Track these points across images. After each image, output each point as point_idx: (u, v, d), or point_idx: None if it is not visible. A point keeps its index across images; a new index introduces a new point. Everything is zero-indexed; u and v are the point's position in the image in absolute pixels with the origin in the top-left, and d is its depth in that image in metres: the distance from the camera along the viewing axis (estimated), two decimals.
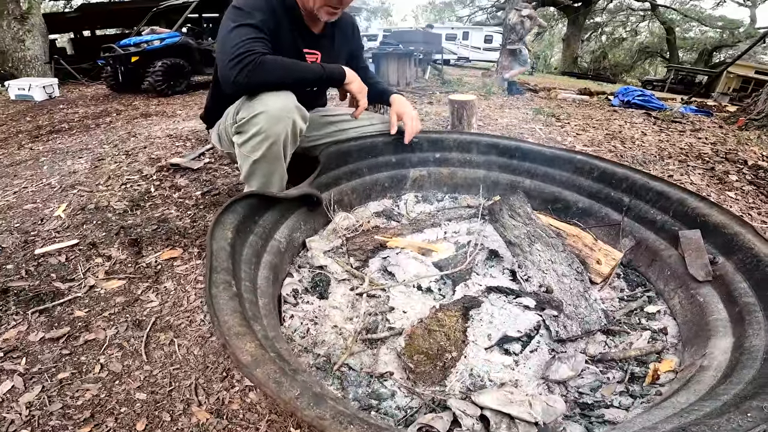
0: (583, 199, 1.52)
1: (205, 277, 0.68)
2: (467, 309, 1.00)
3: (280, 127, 1.23)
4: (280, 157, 1.30)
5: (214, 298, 0.66)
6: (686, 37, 25.63)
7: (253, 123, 1.23)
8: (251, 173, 1.32)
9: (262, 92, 1.25)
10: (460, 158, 1.71)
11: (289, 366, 0.68)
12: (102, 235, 1.76)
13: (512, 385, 0.87)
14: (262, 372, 0.56)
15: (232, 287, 0.70)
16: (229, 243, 0.83)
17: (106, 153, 2.95)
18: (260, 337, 0.70)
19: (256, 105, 1.23)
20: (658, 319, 1.14)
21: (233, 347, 0.58)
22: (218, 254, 0.76)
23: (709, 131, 4.34)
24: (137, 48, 5.99)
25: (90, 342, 1.20)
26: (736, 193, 2.56)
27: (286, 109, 1.24)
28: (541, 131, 3.78)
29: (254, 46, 1.19)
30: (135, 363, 1.13)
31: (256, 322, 0.73)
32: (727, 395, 0.69)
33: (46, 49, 8.52)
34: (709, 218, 1.17)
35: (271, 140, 1.24)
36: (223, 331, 0.60)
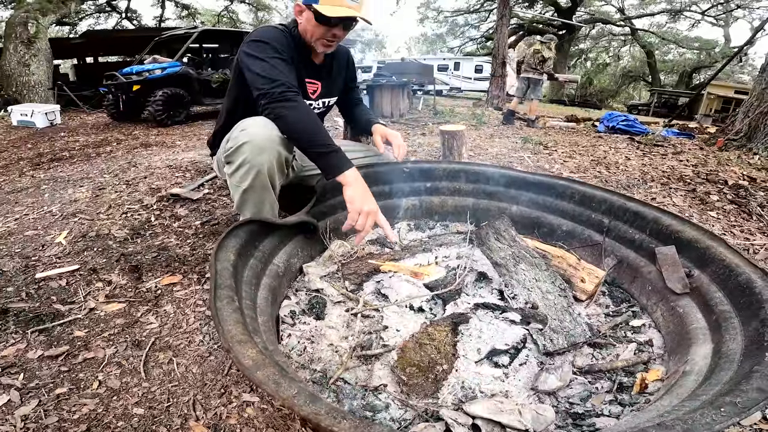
0: (567, 222, 1.60)
1: (210, 292, 0.74)
2: (456, 324, 1.05)
3: (264, 158, 1.30)
4: (268, 186, 1.36)
5: (219, 310, 0.71)
6: (666, 60, 26.56)
7: (239, 153, 1.31)
8: (242, 203, 1.39)
9: (248, 120, 1.33)
10: (449, 187, 1.79)
11: (287, 375, 0.73)
12: (103, 261, 1.80)
13: (503, 395, 0.91)
14: (263, 374, 0.61)
15: (234, 302, 0.75)
16: (232, 264, 0.89)
17: (107, 182, 3.01)
18: (260, 347, 0.75)
19: (241, 135, 1.31)
20: (644, 332, 1.20)
21: (236, 352, 0.64)
22: (222, 273, 0.82)
23: (690, 153, 4.49)
24: (139, 77, 6.05)
25: (89, 360, 1.22)
26: (717, 212, 2.65)
27: (270, 140, 1.31)
28: (530, 159, 3.90)
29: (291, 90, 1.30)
30: (133, 380, 1.15)
31: (257, 335, 0.78)
32: (705, 395, 0.74)
33: (50, 74, 8.60)
34: (682, 234, 1.25)
35: (256, 170, 1.31)
36: (227, 338, 0.66)
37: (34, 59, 8.23)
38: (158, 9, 19.04)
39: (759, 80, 4.99)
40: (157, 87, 5.97)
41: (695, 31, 24.15)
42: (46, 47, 8.57)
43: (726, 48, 22.28)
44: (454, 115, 7.55)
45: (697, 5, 21.60)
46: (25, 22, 8.18)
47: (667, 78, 26.99)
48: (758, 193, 3.05)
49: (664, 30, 24.49)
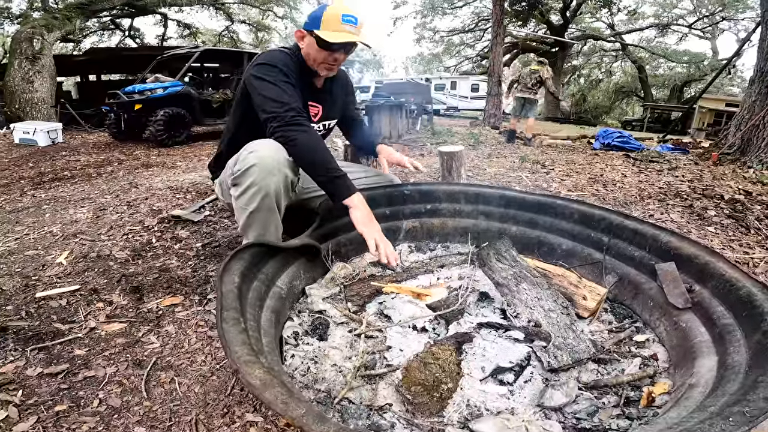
0: (566, 241, 1.62)
1: (217, 314, 0.75)
2: (460, 344, 1.06)
3: (273, 180, 1.33)
4: (274, 208, 1.38)
5: (226, 331, 0.72)
6: (657, 75, 26.94)
7: (247, 175, 1.33)
8: (248, 225, 1.40)
9: (257, 143, 1.36)
10: (449, 208, 1.81)
11: (293, 394, 0.73)
12: (103, 281, 1.80)
13: (509, 412, 0.91)
14: (271, 393, 0.61)
15: (240, 323, 0.76)
16: (237, 286, 0.90)
17: (108, 203, 3.03)
18: (267, 367, 0.75)
19: (250, 158, 1.33)
20: (648, 347, 1.21)
21: (244, 372, 0.64)
22: (227, 296, 0.83)
23: (685, 169, 4.54)
24: (141, 95, 6.04)
25: (89, 378, 1.21)
26: (715, 227, 2.67)
27: (278, 162, 1.33)
28: (528, 179, 3.93)
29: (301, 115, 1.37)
30: (135, 399, 1.14)
31: (262, 356, 0.79)
32: (713, 406, 0.75)
33: (53, 91, 8.57)
34: (681, 250, 1.27)
35: (264, 192, 1.33)
36: (234, 359, 0.66)
37: (38, 75, 8.21)
38: (161, 28, 19.42)
39: (749, 92, 4.99)
40: (159, 106, 5.98)
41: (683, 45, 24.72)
42: (50, 64, 8.55)
43: (714, 60, 22.70)
44: (451, 135, 7.62)
45: (684, 19, 22.13)
46: (31, 37, 8.19)
47: (659, 92, 27.42)
48: (755, 207, 3.08)
49: (654, 44, 25.02)
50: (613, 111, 29.69)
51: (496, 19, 10.86)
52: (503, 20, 11.36)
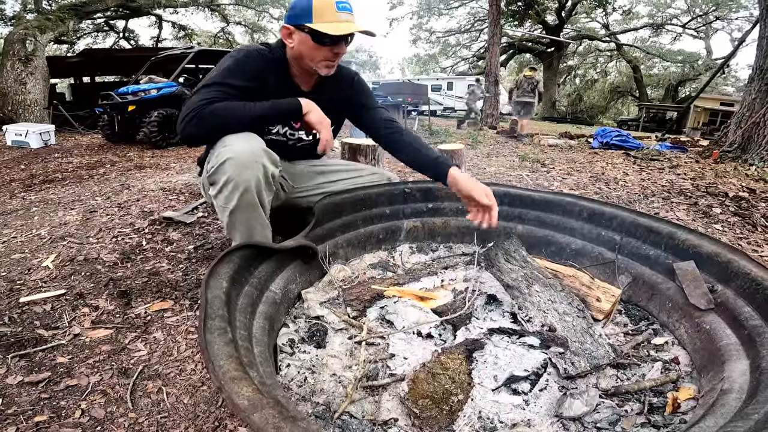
0: (576, 241, 1.55)
1: (200, 323, 0.66)
2: (470, 351, 0.98)
3: (249, 174, 1.21)
4: (256, 205, 1.27)
5: (209, 343, 0.64)
6: (651, 74, 27.12)
7: (221, 171, 1.22)
8: (231, 225, 1.30)
9: (222, 138, 1.25)
10: (452, 207, 1.73)
11: (288, 412, 0.65)
12: (90, 286, 1.73)
13: (525, 425, 0.84)
14: (261, 417, 0.53)
15: (227, 333, 0.68)
16: (224, 292, 0.82)
17: (99, 205, 2.95)
18: (257, 383, 0.67)
19: (222, 152, 1.22)
20: (667, 350, 1.14)
21: (229, 391, 0.56)
22: (213, 302, 0.75)
23: (686, 167, 4.51)
24: (135, 97, 5.99)
25: (71, 387, 1.15)
26: (722, 225, 2.63)
27: (253, 154, 1.22)
28: (528, 177, 3.89)
29: (204, 102, 1.21)
30: (119, 410, 1.08)
31: (252, 369, 0.71)
32: (757, 414, 0.69)
33: (46, 93, 8.58)
34: (701, 249, 1.20)
35: (242, 188, 1.22)
36: (218, 375, 0.58)
37: (30, 77, 8.22)
38: (155, 29, 19.33)
39: (748, 90, 5.00)
40: (153, 108, 5.92)
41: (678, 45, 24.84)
42: (43, 65, 8.57)
43: (708, 60, 22.86)
44: (449, 135, 7.62)
45: (678, 18, 22.24)
46: (24, 39, 8.19)
47: (654, 92, 27.54)
48: (760, 205, 3.04)
49: (648, 44, 25.15)
50: (608, 111, 29.82)
51: (493, 19, 10.82)
52: (500, 20, 11.33)
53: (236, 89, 1.28)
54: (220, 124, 1.24)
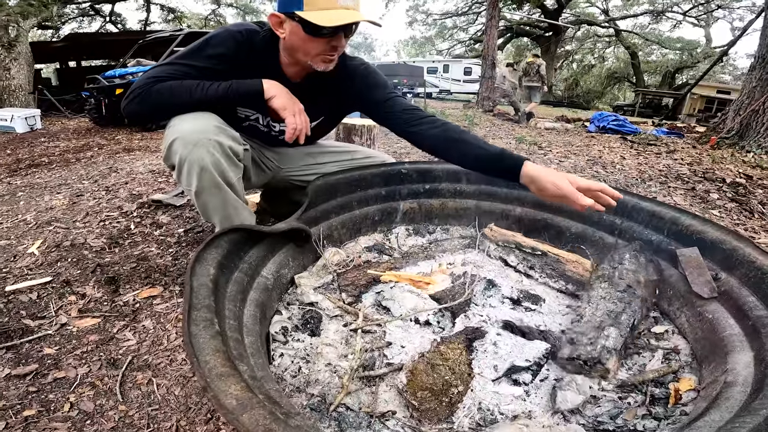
0: (576, 224, 1.51)
1: (184, 316, 0.62)
2: (470, 340, 0.95)
3: (202, 152, 1.11)
4: (221, 185, 1.17)
5: (194, 337, 0.59)
6: (649, 61, 27.00)
7: (172, 153, 1.14)
8: (203, 208, 1.23)
9: (177, 117, 1.16)
10: (449, 189, 1.69)
11: (281, 408, 0.61)
12: (77, 272, 1.68)
13: (526, 417, 0.81)
14: (250, 417, 0.49)
15: (214, 325, 0.63)
16: (212, 279, 0.77)
17: (86, 188, 2.87)
18: (247, 378, 0.63)
19: (169, 133, 1.15)
20: (667, 339, 1.12)
21: (215, 390, 0.52)
22: (199, 291, 0.70)
23: (684, 152, 4.50)
24: (122, 80, 5.93)
25: (59, 380, 1.13)
26: (720, 211, 2.61)
27: (202, 132, 1.12)
28: None
29: (151, 80, 1.13)
30: (109, 402, 1.06)
31: (242, 362, 0.67)
32: (765, 409, 0.66)
33: (31, 78, 8.50)
34: (705, 235, 1.17)
35: (198, 167, 1.12)
36: (203, 372, 0.54)
37: (14, 63, 8.13)
38: (143, 13, 18.76)
39: (749, 78, 5.03)
40: None
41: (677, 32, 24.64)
42: (26, 51, 8.48)
43: (707, 48, 22.72)
44: (445, 117, 7.51)
45: (679, 6, 21.98)
46: (6, 25, 8.08)
47: (651, 78, 27.43)
48: (757, 191, 3.03)
49: (647, 31, 24.90)
50: (604, 96, 29.74)
51: (491, 1, 10.61)
52: (498, 2, 11.12)
53: (195, 69, 1.17)
54: (164, 103, 1.15)
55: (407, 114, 1.26)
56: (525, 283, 1.34)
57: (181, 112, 1.16)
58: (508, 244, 1.41)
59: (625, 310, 1.04)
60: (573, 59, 30.31)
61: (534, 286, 1.32)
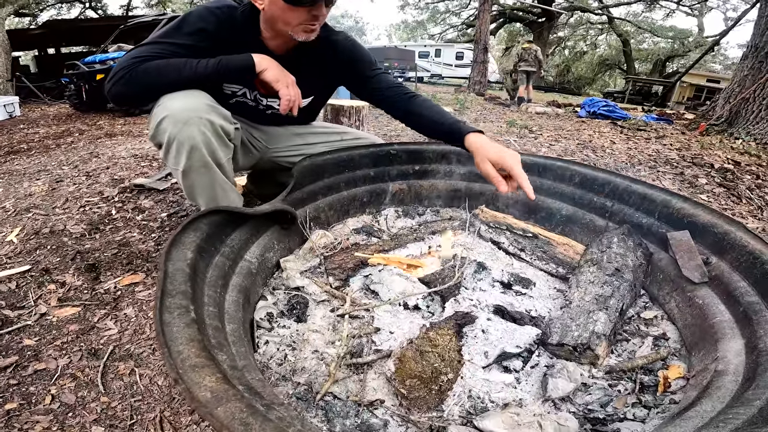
0: (566, 206, 1.49)
1: (155, 303, 0.58)
2: (460, 326, 0.92)
3: (193, 130, 1.08)
4: (210, 165, 1.14)
5: (167, 325, 0.55)
6: (641, 49, 27.02)
7: (161, 131, 1.10)
8: (189, 189, 1.19)
9: (167, 95, 1.11)
10: (440, 170, 1.66)
11: (262, 400, 0.58)
12: (56, 260, 1.63)
13: (516, 405, 0.79)
14: (225, 411, 0.46)
15: (189, 313, 0.60)
16: (189, 264, 0.73)
17: (66, 174, 2.79)
18: (226, 368, 0.60)
19: (158, 111, 1.10)
20: (657, 325, 1.10)
21: (188, 382, 0.48)
22: (174, 276, 0.66)
23: (673, 138, 4.52)
24: (103, 65, 5.82)
25: (40, 372, 1.10)
26: (708, 196, 2.63)
27: (193, 110, 1.09)
28: (516, 143, 3.83)
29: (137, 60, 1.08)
30: (90, 394, 1.03)
31: (222, 351, 0.63)
32: (759, 400, 0.65)
33: (9, 66, 8.33)
34: (696, 218, 1.15)
35: (188, 146, 1.09)
36: (175, 363, 0.50)
37: None
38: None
39: (741, 67, 5.06)
40: None
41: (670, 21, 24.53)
42: (3, 38, 8.32)
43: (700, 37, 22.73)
44: (437, 101, 7.49)
45: None
46: None
47: (642, 66, 27.46)
48: (745, 177, 3.05)
49: (640, 19, 24.81)
50: (595, 82, 29.78)
51: None
52: None
53: (179, 47, 1.13)
54: (152, 84, 1.10)
55: (392, 91, 1.34)
56: (515, 266, 1.32)
57: (169, 91, 1.11)
58: (499, 226, 1.39)
59: (614, 295, 1.03)
60: (565, 45, 30.17)
61: (525, 269, 1.31)
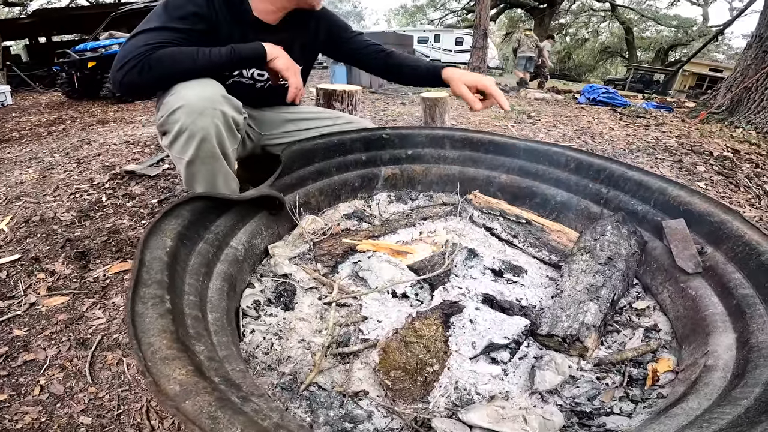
0: (561, 192, 1.46)
1: (128, 292, 0.56)
2: (447, 316, 0.90)
3: (206, 121, 1.07)
4: (217, 155, 1.14)
5: (139, 316, 0.53)
6: (643, 37, 26.66)
7: (173, 120, 1.08)
8: (190, 178, 1.17)
9: (182, 84, 1.10)
10: (433, 154, 1.63)
11: (240, 392, 0.57)
12: (46, 248, 1.62)
13: (503, 397, 0.78)
14: (194, 404, 0.44)
15: (164, 303, 0.57)
16: (168, 252, 0.70)
17: (57, 162, 2.76)
18: (203, 359, 0.58)
19: (173, 100, 1.08)
20: (648, 315, 1.08)
21: (156, 375, 0.46)
22: (151, 265, 0.64)
23: (672, 125, 4.48)
24: (94, 53, 5.83)
25: (29, 362, 1.11)
26: (705, 183, 2.60)
27: (209, 100, 1.08)
28: (514, 129, 3.80)
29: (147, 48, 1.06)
30: (78, 384, 1.04)
31: (200, 342, 0.62)
32: (746, 399, 0.62)
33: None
34: (692, 206, 1.12)
35: (199, 137, 1.08)
36: (144, 355, 0.48)
37: None
38: None
39: (744, 56, 5.06)
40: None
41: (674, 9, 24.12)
42: None
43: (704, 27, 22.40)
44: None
45: None
46: None
47: (644, 54, 27.11)
48: (744, 165, 3.02)
49: (644, 7, 24.41)
50: (596, 70, 29.43)
51: None
52: None
53: (181, 33, 1.12)
54: (166, 73, 1.09)
55: (372, 49, 1.50)
56: (508, 253, 1.30)
57: (183, 80, 1.10)
58: (492, 211, 1.37)
59: (605, 285, 1.01)
60: (567, 32, 29.74)
61: (517, 256, 1.29)
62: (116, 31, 6.64)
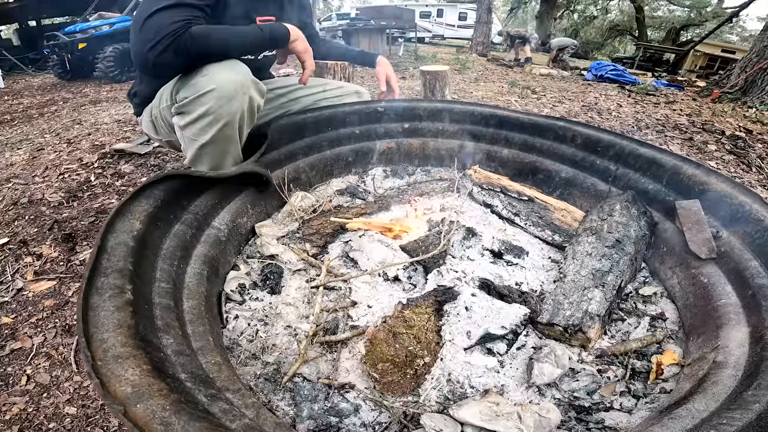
0: (566, 169, 1.39)
1: (82, 283, 0.50)
2: (441, 303, 0.84)
3: (235, 106, 1.05)
4: (234, 138, 1.11)
5: (93, 309, 0.47)
6: (655, 16, 25.91)
7: (199, 103, 1.03)
8: (197, 157, 1.12)
9: (203, 66, 1.04)
10: (431, 128, 1.54)
11: (210, 388, 0.51)
12: (34, 231, 1.58)
13: (497, 392, 0.72)
14: (145, 408, 0.39)
15: (123, 294, 0.51)
16: (136, 237, 0.64)
17: (47, 142, 2.71)
18: (170, 353, 0.53)
19: (203, 82, 1.02)
20: (655, 303, 1.01)
21: (104, 375, 0.40)
22: (113, 252, 0.57)
23: (683, 103, 4.35)
24: (84, 34, 5.80)
25: (16, 351, 1.09)
26: (717, 162, 2.51)
27: (240, 85, 1.05)
28: (517, 103, 3.68)
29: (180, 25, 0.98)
30: (64, 373, 1.02)
31: (168, 334, 0.56)
32: (759, 404, 0.56)
33: None
34: (708, 186, 1.04)
35: (224, 121, 1.05)
36: (94, 354, 0.42)
37: None
38: None
39: (761, 38, 5.10)
40: (107, 43, 5.73)
41: None
42: None
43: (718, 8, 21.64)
44: (436, 60, 7.24)
45: None
46: None
47: (654, 34, 26.31)
48: (756, 145, 2.92)
49: None
50: (604, 48, 28.65)
51: None
52: None
53: (197, 9, 1.04)
54: (203, 53, 1.03)
55: (316, 38, 1.62)
56: (508, 232, 1.23)
57: (215, 61, 1.06)
58: (492, 188, 1.30)
59: (612, 270, 0.94)
60: (575, 9, 28.84)
61: (518, 236, 1.22)
62: (106, 11, 6.53)
